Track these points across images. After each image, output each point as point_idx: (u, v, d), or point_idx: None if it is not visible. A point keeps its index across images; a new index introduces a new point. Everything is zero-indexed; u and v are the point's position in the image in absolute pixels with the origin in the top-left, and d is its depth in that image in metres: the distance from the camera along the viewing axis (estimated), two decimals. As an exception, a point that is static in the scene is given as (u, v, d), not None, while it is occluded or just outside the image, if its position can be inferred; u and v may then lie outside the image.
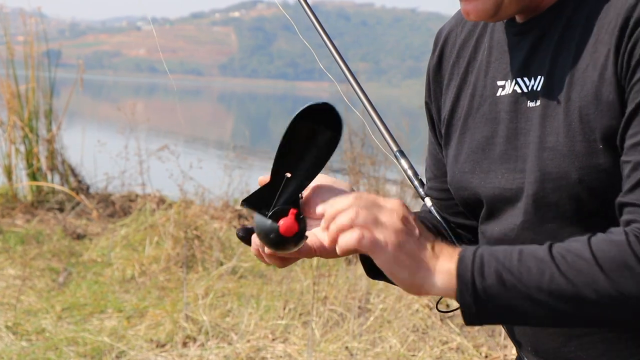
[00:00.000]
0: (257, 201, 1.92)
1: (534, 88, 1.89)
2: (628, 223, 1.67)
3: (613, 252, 1.64)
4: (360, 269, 8.29)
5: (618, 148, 1.74)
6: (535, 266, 1.66)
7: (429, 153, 2.23)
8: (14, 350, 6.26)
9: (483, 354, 6.07)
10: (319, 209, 1.76)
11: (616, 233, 1.66)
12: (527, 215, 1.89)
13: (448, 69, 2.12)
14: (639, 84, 1.70)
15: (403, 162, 2.14)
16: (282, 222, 1.86)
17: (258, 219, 1.89)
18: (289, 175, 1.91)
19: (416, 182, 2.14)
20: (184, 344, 6.51)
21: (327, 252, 1.91)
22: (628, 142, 1.70)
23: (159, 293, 7.70)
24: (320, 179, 1.97)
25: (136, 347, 6.42)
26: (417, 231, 1.71)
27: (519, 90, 1.92)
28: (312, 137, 1.91)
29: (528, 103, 1.89)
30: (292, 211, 1.87)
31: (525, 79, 1.91)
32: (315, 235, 1.92)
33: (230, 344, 6.38)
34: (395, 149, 2.15)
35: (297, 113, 1.88)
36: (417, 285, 1.72)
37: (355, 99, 2.38)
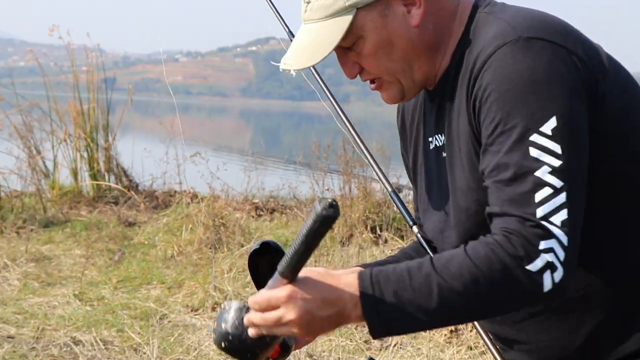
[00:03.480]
0: None
1: (443, 142, 1.94)
2: (495, 227, 1.69)
3: (485, 251, 1.65)
4: (352, 249, 8.30)
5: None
6: (424, 282, 1.66)
7: (413, 188, 2.23)
8: (80, 313, 6.28)
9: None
10: (252, 302, 1.81)
11: (487, 237, 1.68)
12: (457, 239, 1.92)
13: (408, 128, 2.15)
14: (482, 125, 1.75)
15: (395, 199, 2.19)
16: None
17: None
18: None
19: (406, 216, 2.17)
20: (213, 309, 6.52)
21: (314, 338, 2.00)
22: (485, 173, 1.75)
23: (193, 268, 7.71)
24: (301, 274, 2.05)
25: (175, 311, 6.44)
26: (316, 303, 1.71)
27: (438, 144, 1.96)
28: (267, 264, 1.99)
29: (442, 154, 1.95)
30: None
31: (437, 135, 1.96)
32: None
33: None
34: (389, 189, 2.21)
35: (249, 255, 2.02)
36: (344, 325, 1.78)
37: (350, 116, 2.42)
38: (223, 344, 1.86)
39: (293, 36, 2.48)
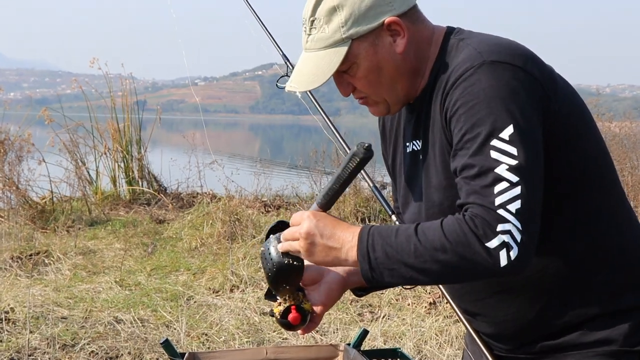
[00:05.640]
0: (272, 293, 2.01)
1: (419, 147, 1.93)
2: (465, 211, 1.69)
3: (455, 227, 1.66)
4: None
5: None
6: (405, 240, 1.69)
7: (392, 182, 2.22)
8: (121, 297, 6.26)
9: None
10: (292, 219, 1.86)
11: (459, 215, 1.69)
12: None
13: (388, 132, 2.14)
14: (452, 134, 1.76)
15: (377, 194, 2.18)
16: (290, 317, 1.96)
17: (278, 321, 1.98)
18: None
19: (386, 207, 2.13)
20: (231, 290, 6.52)
21: (325, 309, 2.06)
22: (456, 172, 1.74)
23: (213, 257, 7.70)
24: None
25: (200, 293, 6.43)
26: (327, 231, 1.78)
27: (415, 149, 1.96)
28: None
29: (418, 157, 1.94)
30: (293, 308, 1.96)
31: (415, 141, 1.96)
32: (318, 305, 2.04)
33: (261, 290, 6.38)
34: (371, 184, 2.21)
35: (266, 233, 1.96)
36: (341, 264, 1.80)
37: (339, 128, 2.41)
38: (262, 249, 1.91)
39: (288, 60, 2.48)
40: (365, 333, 2.50)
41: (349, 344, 2.46)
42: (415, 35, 1.89)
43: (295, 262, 1.86)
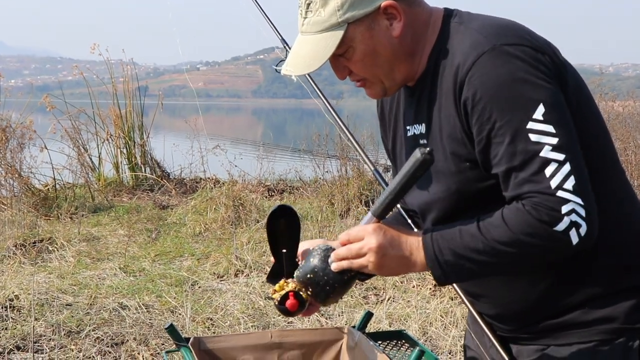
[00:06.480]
0: (274, 276, 2.03)
1: (422, 131, 1.92)
2: (522, 200, 1.71)
3: (519, 219, 1.70)
4: (349, 221, 8.30)
5: (479, 164, 1.79)
6: (471, 240, 1.73)
7: (392, 166, 2.22)
8: (125, 283, 6.29)
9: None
10: (343, 236, 1.86)
11: (520, 206, 1.70)
12: (437, 213, 1.93)
13: (387, 116, 2.13)
14: (476, 125, 1.75)
15: (379, 177, 2.18)
16: (287, 303, 1.95)
17: (277, 307, 1.98)
18: (284, 250, 2.00)
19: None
20: (236, 275, 6.53)
21: None
22: (493, 163, 1.75)
23: (217, 242, 7.71)
24: (305, 245, 2.07)
25: (204, 278, 6.45)
26: (395, 241, 1.80)
27: (417, 132, 1.95)
28: (283, 225, 2.01)
29: (420, 141, 1.93)
30: (291, 294, 1.95)
31: (416, 125, 1.95)
32: None
33: (265, 274, 6.39)
34: (372, 168, 2.20)
35: (267, 216, 1.97)
36: (409, 271, 1.85)
37: (342, 111, 2.40)
38: (308, 276, 1.90)
39: (286, 43, 2.47)
40: (369, 315, 2.51)
41: (353, 327, 2.47)
42: (412, 18, 1.87)
43: (352, 274, 1.89)
